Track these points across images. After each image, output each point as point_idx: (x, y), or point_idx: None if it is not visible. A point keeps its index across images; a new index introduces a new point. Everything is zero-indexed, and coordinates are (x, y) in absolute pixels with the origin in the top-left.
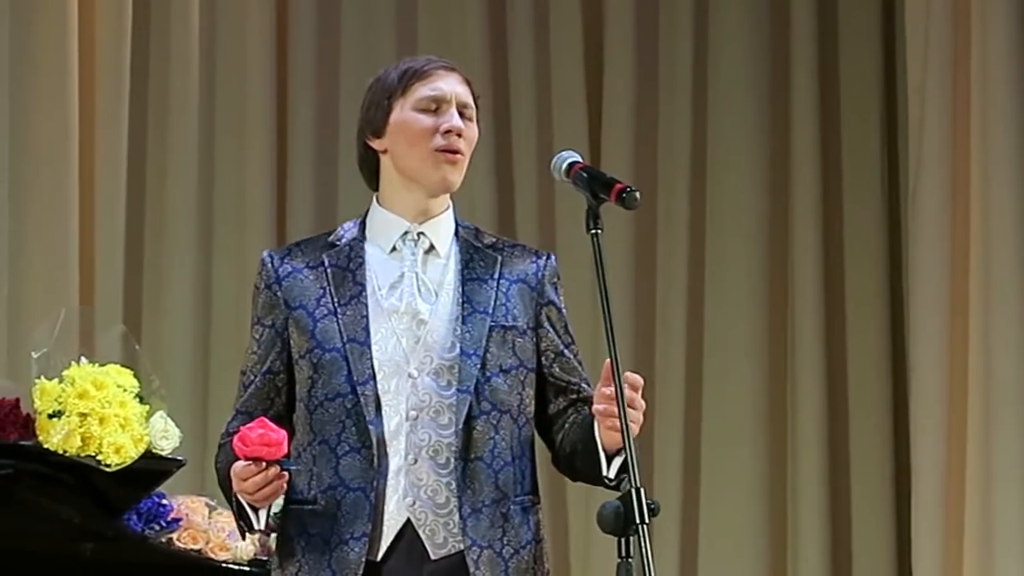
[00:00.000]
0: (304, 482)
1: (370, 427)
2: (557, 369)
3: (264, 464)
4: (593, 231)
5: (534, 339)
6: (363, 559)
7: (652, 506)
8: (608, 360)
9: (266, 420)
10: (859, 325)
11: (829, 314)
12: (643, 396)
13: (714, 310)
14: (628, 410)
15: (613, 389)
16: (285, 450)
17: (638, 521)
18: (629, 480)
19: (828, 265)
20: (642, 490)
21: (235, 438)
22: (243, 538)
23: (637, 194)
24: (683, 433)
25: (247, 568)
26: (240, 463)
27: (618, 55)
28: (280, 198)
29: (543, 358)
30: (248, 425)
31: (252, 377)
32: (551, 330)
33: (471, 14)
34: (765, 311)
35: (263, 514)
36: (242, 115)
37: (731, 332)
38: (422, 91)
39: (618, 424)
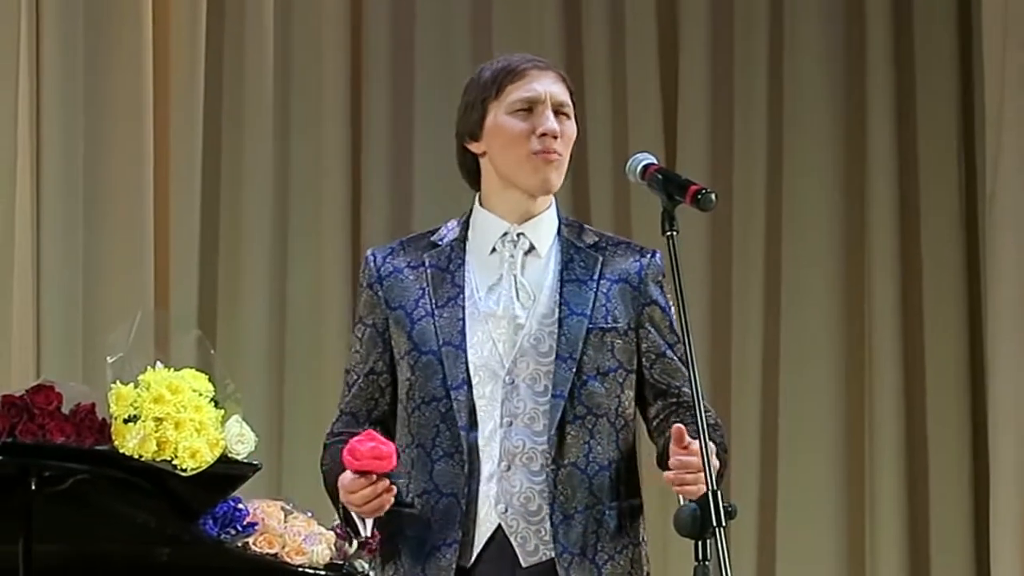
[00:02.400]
0: (404, 484)
1: (461, 433)
2: (658, 370)
3: (374, 478)
4: (669, 233)
5: (635, 339)
6: (453, 565)
7: (729, 509)
8: (677, 425)
9: (374, 432)
10: (937, 329)
11: (907, 318)
12: (719, 398)
13: (791, 313)
14: (684, 474)
15: (683, 457)
16: (394, 463)
17: (715, 524)
18: (706, 484)
19: (905, 269)
20: (719, 493)
21: (344, 451)
22: (350, 543)
23: (713, 196)
24: (760, 436)
25: (323, 572)
26: (348, 476)
27: (694, 56)
28: (355, 202)
29: (644, 359)
30: (357, 438)
31: (355, 377)
32: (652, 330)
33: (547, 13)
34: (842, 315)
35: (369, 522)
36: (317, 119)
37: (808, 336)
38: (516, 93)
39: (689, 490)
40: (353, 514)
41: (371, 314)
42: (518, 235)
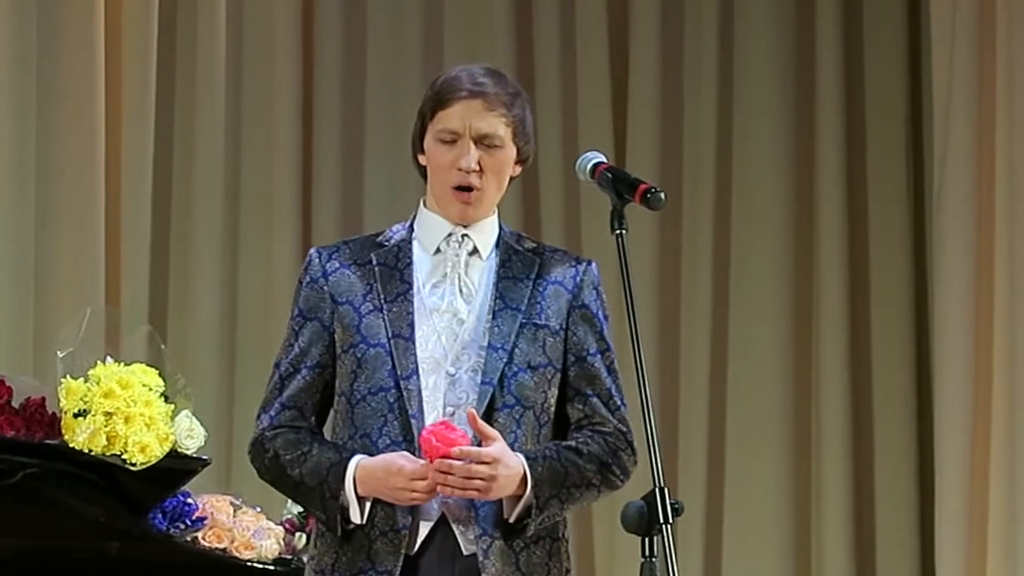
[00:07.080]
0: None
1: (412, 421)
2: (574, 373)
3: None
4: (618, 232)
5: (564, 340)
6: (402, 552)
7: (676, 506)
8: (470, 410)
9: (450, 423)
10: (884, 324)
11: (854, 313)
12: (668, 395)
13: (739, 310)
14: (468, 480)
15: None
16: None
17: (662, 521)
18: (653, 480)
19: (853, 264)
20: (666, 490)
21: (424, 440)
22: (338, 534)
23: (662, 195)
24: (707, 433)
25: (271, 567)
26: (410, 465)
27: (643, 55)
28: (305, 200)
29: (567, 359)
30: (433, 427)
31: (291, 369)
32: (580, 333)
33: (497, 15)
34: (790, 310)
35: (368, 506)
36: (268, 117)
37: (756, 332)
38: (441, 122)
39: (447, 492)
40: (355, 500)
41: (315, 308)
42: (462, 236)
